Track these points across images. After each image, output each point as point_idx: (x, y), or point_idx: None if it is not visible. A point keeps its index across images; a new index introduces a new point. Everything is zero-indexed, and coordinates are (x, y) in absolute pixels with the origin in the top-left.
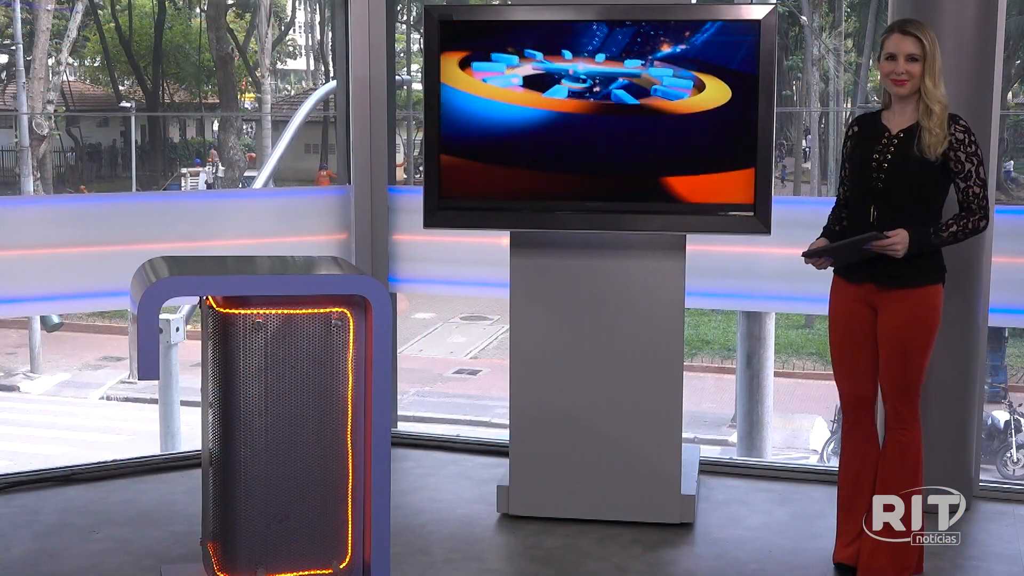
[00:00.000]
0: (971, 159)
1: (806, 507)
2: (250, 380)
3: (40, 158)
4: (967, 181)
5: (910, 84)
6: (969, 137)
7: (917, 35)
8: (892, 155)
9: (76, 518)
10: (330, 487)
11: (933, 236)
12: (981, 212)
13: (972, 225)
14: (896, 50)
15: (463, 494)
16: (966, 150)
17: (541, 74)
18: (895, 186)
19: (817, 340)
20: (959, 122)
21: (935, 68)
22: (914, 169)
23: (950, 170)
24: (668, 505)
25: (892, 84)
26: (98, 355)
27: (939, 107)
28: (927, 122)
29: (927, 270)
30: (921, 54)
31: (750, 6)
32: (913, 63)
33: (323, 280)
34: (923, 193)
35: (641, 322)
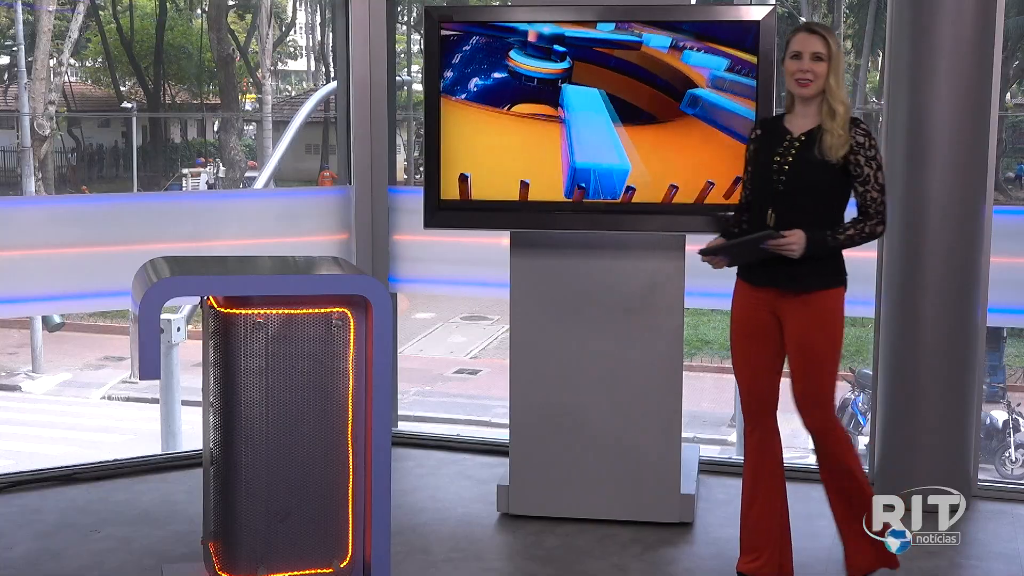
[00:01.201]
0: (870, 163)
1: (805, 506)
2: (251, 380)
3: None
4: (865, 185)
5: (814, 85)
6: (869, 141)
7: (823, 35)
8: (793, 158)
9: (77, 517)
10: (331, 486)
11: (830, 239)
12: (879, 217)
13: (869, 230)
14: (802, 48)
15: (463, 493)
16: (866, 154)
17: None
18: (795, 189)
19: None
20: (860, 125)
21: (839, 70)
22: (814, 172)
23: (850, 174)
24: (668, 504)
25: (796, 85)
26: (99, 355)
27: (842, 108)
28: (830, 123)
29: (826, 274)
30: (827, 54)
31: (749, 7)
32: (819, 62)
33: (324, 280)
34: (823, 196)
35: (641, 322)
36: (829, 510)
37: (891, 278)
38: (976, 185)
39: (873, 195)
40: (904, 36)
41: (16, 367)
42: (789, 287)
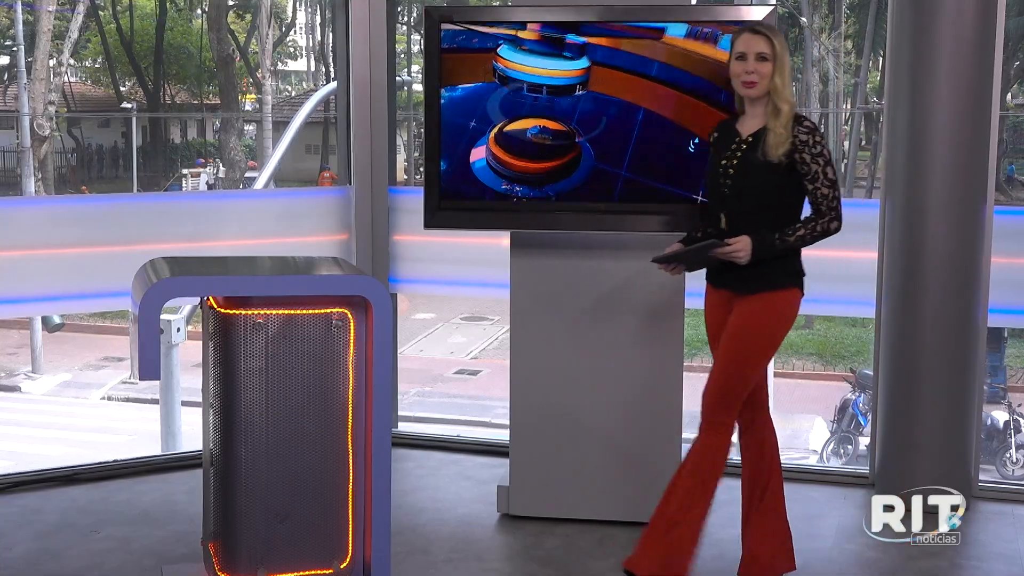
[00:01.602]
0: (816, 160)
1: (805, 507)
2: (251, 380)
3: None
4: (815, 183)
5: (760, 86)
6: (813, 138)
7: (767, 35)
8: (738, 160)
9: (77, 518)
10: (331, 487)
11: (778, 241)
12: (832, 214)
13: (821, 228)
14: (746, 49)
15: (463, 494)
16: (811, 151)
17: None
18: (740, 191)
19: (817, 340)
20: (803, 123)
21: (785, 69)
22: (758, 173)
23: (798, 173)
24: None
25: (742, 86)
26: (99, 355)
27: (787, 107)
28: (773, 123)
29: (779, 275)
30: (771, 53)
31: (750, 7)
32: (763, 62)
33: (324, 280)
34: (770, 197)
35: (641, 322)
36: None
37: (892, 278)
38: (977, 185)
39: (823, 191)
40: (905, 36)
41: (16, 367)
42: (739, 288)
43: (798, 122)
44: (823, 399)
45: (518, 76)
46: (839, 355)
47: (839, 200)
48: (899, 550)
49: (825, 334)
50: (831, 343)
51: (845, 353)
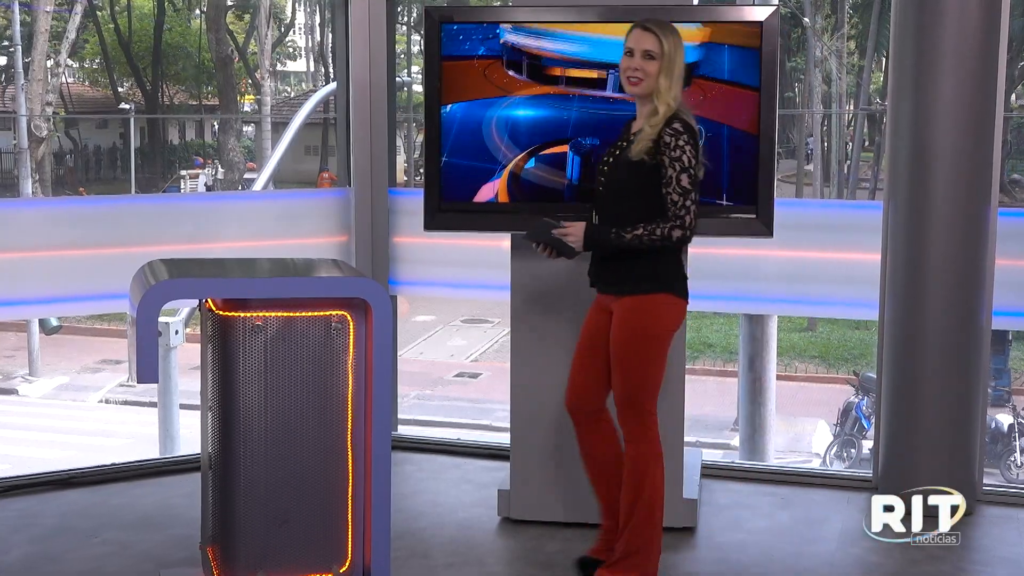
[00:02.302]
0: (673, 164)
1: (809, 511)
2: (250, 383)
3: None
4: (667, 187)
5: (645, 84)
6: (676, 141)
7: (656, 32)
8: (613, 158)
9: (75, 522)
10: (330, 491)
11: (614, 236)
12: (676, 220)
13: (661, 232)
14: (635, 45)
15: (463, 498)
16: (670, 154)
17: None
18: (608, 189)
19: (820, 343)
20: (672, 124)
21: (673, 70)
22: (625, 172)
23: (660, 174)
24: (670, 509)
25: (627, 83)
26: (97, 358)
27: (664, 109)
28: (647, 123)
29: (647, 279)
30: (659, 52)
31: (752, 8)
32: (650, 60)
33: (323, 283)
34: (634, 197)
35: None
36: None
37: (895, 281)
38: (980, 187)
39: (673, 197)
40: (908, 37)
41: (13, 370)
42: (608, 289)
43: (668, 124)
44: (826, 402)
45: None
46: (842, 358)
47: (689, 210)
48: (902, 554)
49: (828, 337)
50: (834, 346)
51: (848, 356)
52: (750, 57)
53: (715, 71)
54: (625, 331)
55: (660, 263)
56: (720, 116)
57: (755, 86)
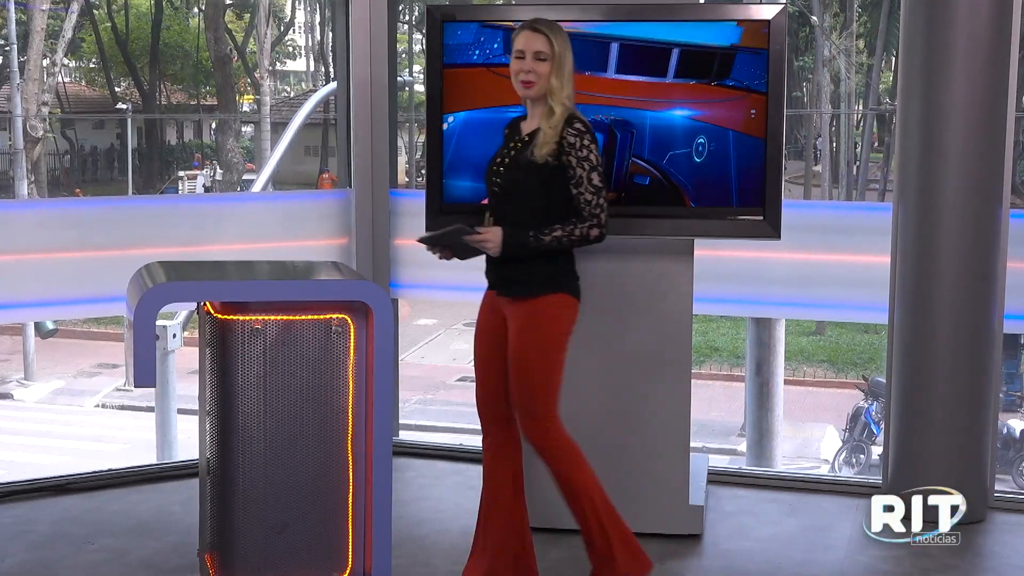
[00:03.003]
0: (582, 164)
1: (817, 518)
2: (249, 388)
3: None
4: (578, 188)
5: (538, 86)
6: (581, 141)
7: (546, 33)
8: (510, 160)
9: (71, 529)
10: (330, 497)
11: (532, 239)
12: (593, 220)
13: (580, 232)
14: (524, 47)
15: (466, 504)
16: (577, 154)
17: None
18: (506, 191)
19: (828, 347)
20: (574, 124)
21: (563, 70)
22: (525, 174)
23: (566, 176)
24: (676, 516)
25: (520, 86)
26: (93, 362)
27: (560, 109)
28: (544, 124)
29: (542, 280)
30: (550, 53)
31: (759, 6)
32: (541, 62)
33: (323, 286)
34: (535, 199)
35: (649, 328)
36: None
37: (905, 284)
38: (992, 188)
39: (587, 197)
40: (918, 35)
41: (8, 374)
42: (505, 291)
43: (569, 123)
44: (835, 407)
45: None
46: (851, 362)
47: (603, 208)
48: (912, 562)
49: (837, 340)
50: (843, 350)
51: (857, 360)
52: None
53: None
54: (524, 337)
55: (556, 264)
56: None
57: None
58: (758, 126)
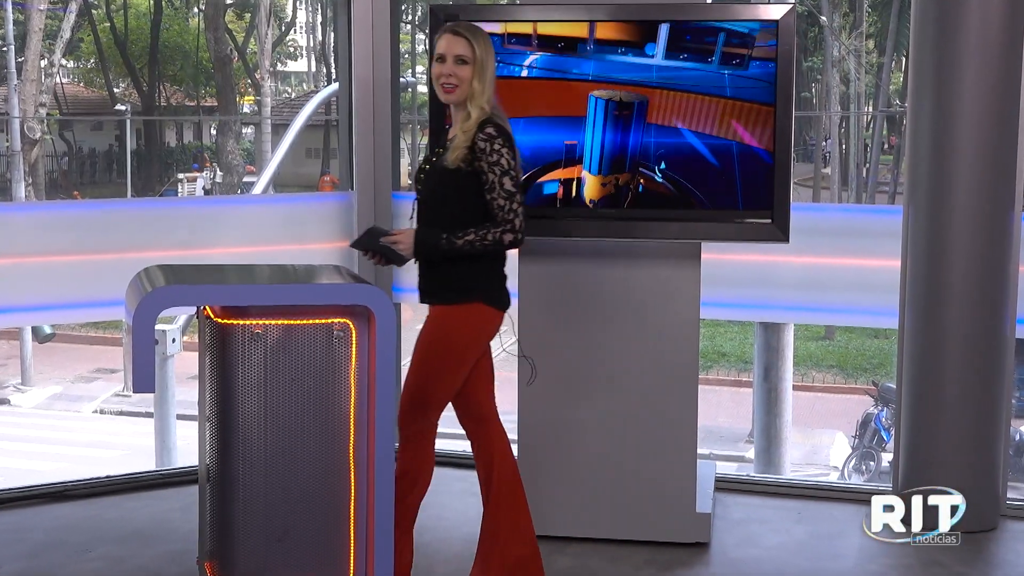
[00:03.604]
0: (493, 169)
1: (826, 526)
2: (249, 393)
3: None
4: (491, 193)
5: (459, 90)
6: (491, 146)
7: (468, 37)
8: (430, 165)
9: (68, 536)
10: (332, 504)
11: (444, 242)
12: (507, 225)
13: (493, 237)
14: (446, 51)
15: (469, 511)
16: (487, 159)
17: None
18: (426, 196)
19: (837, 352)
20: (485, 129)
21: (485, 74)
22: (441, 179)
23: (480, 181)
24: (682, 524)
25: (441, 90)
26: (91, 367)
27: (477, 113)
28: (460, 127)
29: (457, 288)
30: (471, 57)
31: (767, 6)
32: (462, 66)
33: (325, 289)
34: (451, 204)
35: (654, 333)
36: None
37: (915, 288)
38: (1004, 190)
39: (499, 202)
40: (928, 35)
41: (5, 380)
42: (422, 298)
43: (481, 128)
44: (844, 413)
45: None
46: (861, 367)
47: (516, 213)
48: (922, 570)
49: (846, 346)
50: (852, 355)
51: (867, 365)
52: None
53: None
54: (424, 340)
55: (474, 272)
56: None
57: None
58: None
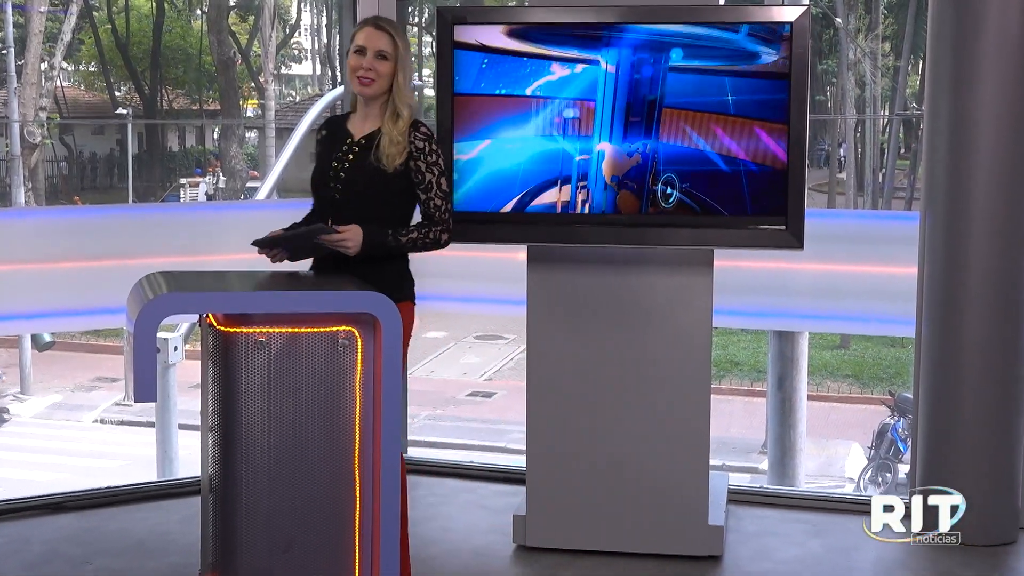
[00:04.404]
0: (431, 169)
1: (841, 539)
2: (252, 402)
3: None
4: (428, 192)
5: (377, 84)
6: (430, 146)
7: (390, 32)
8: (350, 163)
9: (68, 548)
10: (336, 516)
11: (391, 239)
12: (443, 224)
13: (433, 236)
14: (366, 44)
15: (477, 524)
16: (426, 159)
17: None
18: (350, 197)
19: (853, 361)
20: (421, 129)
21: (407, 70)
22: (369, 179)
23: (412, 180)
24: (695, 537)
25: (358, 83)
26: (92, 376)
27: (407, 112)
28: (391, 128)
29: (392, 288)
30: (393, 53)
31: (781, 7)
32: (383, 61)
33: (329, 297)
34: (383, 205)
35: (666, 342)
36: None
37: (933, 295)
38: (1023, 195)
39: (436, 202)
40: (946, 37)
41: (4, 389)
42: None
43: (415, 127)
44: (860, 424)
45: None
46: (877, 377)
47: (451, 213)
48: None
49: (862, 354)
50: (868, 364)
51: (883, 375)
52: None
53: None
54: None
55: (402, 270)
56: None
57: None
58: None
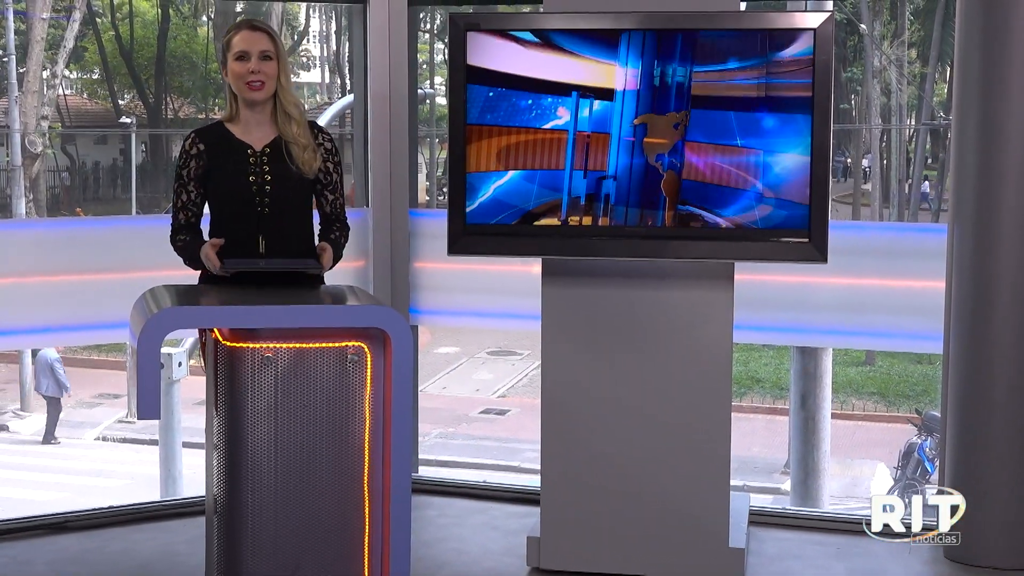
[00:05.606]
0: (338, 169)
1: (866, 562)
2: (259, 420)
3: (33, 178)
4: (335, 193)
5: (268, 86)
6: (335, 146)
7: (269, 32)
8: (273, 177)
9: (70, 569)
10: (345, 537)
11: (340, 249)
12: (347, 226)
13: (346, 237)
14: (248, 47)
15: (490, 545)
16: (333, 159)
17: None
18: (281, 210)
19: (879, 378)
20: (323, 131)
21: (288, 69)
22: (296, 189)
23: (319, 183)
24: (715, 559)
25: (247, 88)
26: (94, 392)
27: (297, 112)
28: (290, 131)
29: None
30: (275, 52)
31: (804, 14)
32: (267, 61)
33: (338, 311)
34: (304, 212)
35: (685, 358)
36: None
37: (961, 310)
38: None
39: (341, 202)
40: (974, 44)
41: (3, 405)
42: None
43: (319, 129)
44: (886, 443)
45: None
46: (903, 395)
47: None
48: None
49: (888, 371)
50: (894, 381)
51: (910, 392)
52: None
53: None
54: None
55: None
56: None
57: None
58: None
